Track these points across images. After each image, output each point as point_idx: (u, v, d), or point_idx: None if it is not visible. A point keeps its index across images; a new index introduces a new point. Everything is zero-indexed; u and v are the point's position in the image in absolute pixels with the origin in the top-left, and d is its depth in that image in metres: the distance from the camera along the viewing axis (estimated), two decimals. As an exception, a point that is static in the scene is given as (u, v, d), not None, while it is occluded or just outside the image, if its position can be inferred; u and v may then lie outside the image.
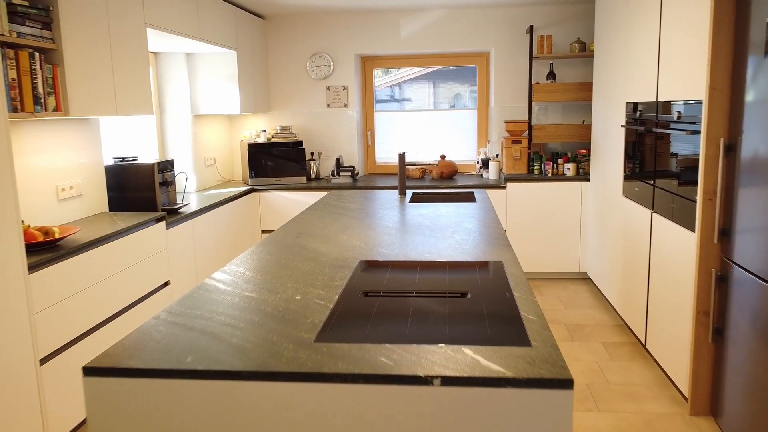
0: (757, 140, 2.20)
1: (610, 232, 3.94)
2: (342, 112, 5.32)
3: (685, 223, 2.69)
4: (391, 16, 5.14)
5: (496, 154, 5.21)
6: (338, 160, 5.10)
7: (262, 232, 4.93)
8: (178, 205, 3.68)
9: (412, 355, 1.26)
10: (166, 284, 3.34)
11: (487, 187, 4.68)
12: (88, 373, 1.25)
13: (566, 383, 1.14)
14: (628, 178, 3.58)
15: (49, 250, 2.48)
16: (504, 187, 4.67)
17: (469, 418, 1.17)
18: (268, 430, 1.22)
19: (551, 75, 4.89)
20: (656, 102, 3.07)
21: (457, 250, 2.20)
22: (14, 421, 2.13)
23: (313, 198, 4.84)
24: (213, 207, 4.00)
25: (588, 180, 4.59)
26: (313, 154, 5.35)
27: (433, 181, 4.94)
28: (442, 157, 5.11)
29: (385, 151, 5.61)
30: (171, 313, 1.57)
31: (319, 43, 5.25)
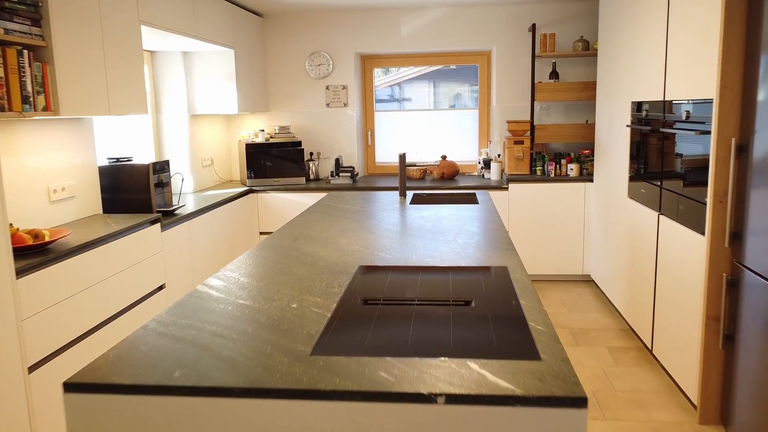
0: (771, 141, 2.12)
1: (615, 234, 3.86)
2: (341, 112, 5.24)
3: (694, 225, 2.61)
4: (391, 14, 5.07)
5: (498, 155, 5.13)
6: (337, 160, 5.02)
7: (260, 234, 4.85)
8: (174, 207, 3.61)
9: (414, 369, 1.18)
10: (161, 288, 3.26)
11: (488, 188, 4.60)
12: (69, 389, 1.18)
13: (579, 402, 1.06)
14: (634, 179, 3.50)
15: (38, 253, 2.40)
16: (506, 188, 4.59)
17: (476, 439, 1.09)
18: (261, 451, 1.14)
19: (554, 74, 4.82)
20: (663, 101, 3.00)
21: (460, 254, 2.12)
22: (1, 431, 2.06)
23: (311, 199, 4.77)
24: (210, 208, 3.93)
25: (591, 181, 4.51)
26: (312, 154, 5.27)
27: (434, 181, 4.86)
28: (443, 158, 5.04)
29: (385, 152, 5.53)
30: (160, 322, 1.50)
31: (318, 42, 5.17)
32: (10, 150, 2.72)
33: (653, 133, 3.17)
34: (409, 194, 3.73)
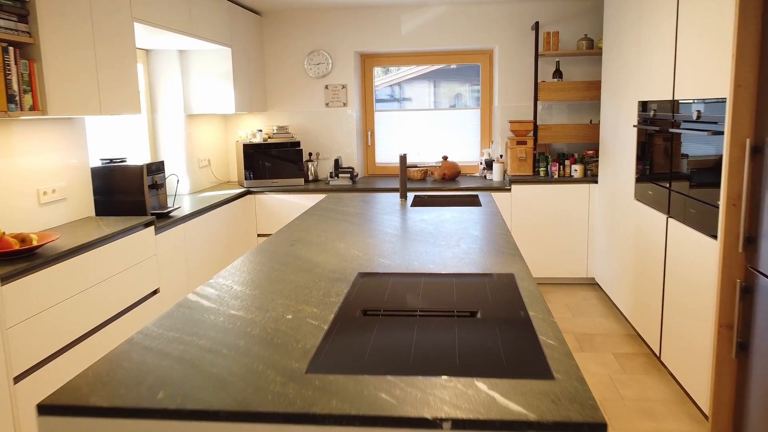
0: (789, 141, 2.03)
1: (621, 237, 3.77)
2: (341, 112, 5.15)
3: (706, 229, 2.52)
4: (391, 13, 4.98)
5: (500, 155, 5.04)
6: (337, 161, 4.93)
7: (258, 236, 4.76)
8: (169, 209, 3.51)
9: (417, 390, 1.09)
10: (155, 292, 3.17)
11: (491, 190, 4.51)
12: (44, 411, 1.09)
13: (599, 428, 0.97)
14: (641, 180, 3.41)
15: (25, 258, 2.31)
16: (509, 190, 4.50)
17: (485, 468, 1.00)
18: (251, 479, 1.05)
19: (557, 73, 4.72)
20: (672, 101, 2.91)
21: (464, 260, 2.03)
22: (-17, 447, 1.97)
23: (310, 200, 4.68)
24: (206, 210, 3.84)
25: (596, 182, 4.42)
26: (311, 155, 5.18)
27: (435, 182, 4.77)
28: (444, 158, 4.94)
29: (385, 152, 5.44)
30: (146, 335, 1.41)
31: (317, 40, 5.08)
32: (-2, 151, 2.63)
33: (661, 134, 3.08)
34: (410, 196, 3.64)
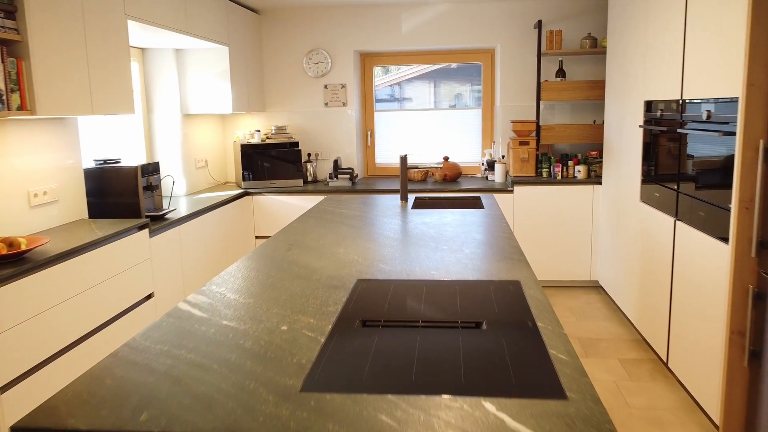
0: (805, 143, 1.95)
1: (626, 240, 3.69)
2: (340, 112, 5.07)
3: (716, 233, 2.44)
4: (391, 11, 4.90)
5: (502, 156, 4.96)
6: (336, 161, 4.85)
7: (256, 238, 4.68)
8: (164, 211, 3.44)
9: (420, 411, 1.02)
10: (149, 297, 3.09)
11: (492, 191, 4.43)
12: (17, 434, 1.01)
13: (618, 456, 0.90)
14: (647, 182, 3.33)
15: (13, 263, 2.23)
16: (511, 191, 4.42)
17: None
18: None
19: (561, 72, 4.65)
20: (680, 100, 2.83)
21: (467, 266, 1.96)
22: (-33, 460, 1.89)
23: (309, 202, 4.60)
24: (202, 212, 3.76)
25: (600, 183, 4.34)
26: (309, 155, 5.10)
27: (436, 184, 4.69)
28: (445, 159, 4.87)
29: (386, 152, 5.36)
30: (133, 348, 1.33)
31: (317, 39, 5.00)
32: (-14, 152, 2.56)
33: (669, 134, 3.00)
34: (411, 198, 3.56)
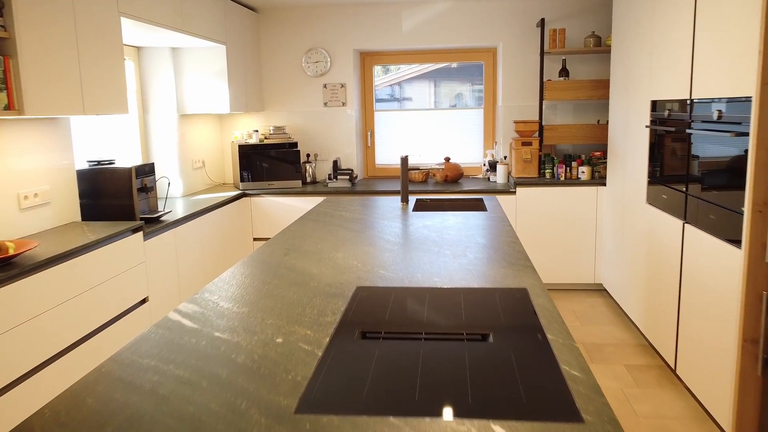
0: (823, 144, 1.88)
1: (631, 242, 3.61)
2: (340, 112, 4.99)
3: (728, 237, 2.36)
4: (392, 9, 4.82)
5: (504, 157, 4.88)
6: (336, 162, 4.77)
7: (254, 240, 4.60)
8: (159, 213, 3.36)
9: (424, 436, 0.94)
10: (143, 301, 3.01)
11: (495, 192, 4.35)
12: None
13: (642, 489, 0.82)
14: (653, 183, 3.25)
15: (0, 269, 2.15)
16: (513, 192, 4.34)
17: None
18: None
19: (564, 71, 4.57)
20: (690, 100, 2.75)
21: (471, 272, 1.88)
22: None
23: (308, 203, 4.52)
24: (199, 214, 3.68)
25: (604, 185, 4.26)
26: (308, 156, 5.02)
27: (437, 185, 4.61)
28: (447, 160, 4.79)
29: (386, 152, 5.28)
30: (118, 362, 1.25)
31: (316, 38, 4.92)
32: (-26, 153, 2.48)
33: (677, 135, 2.92)
34: (412, 199, 3.48)
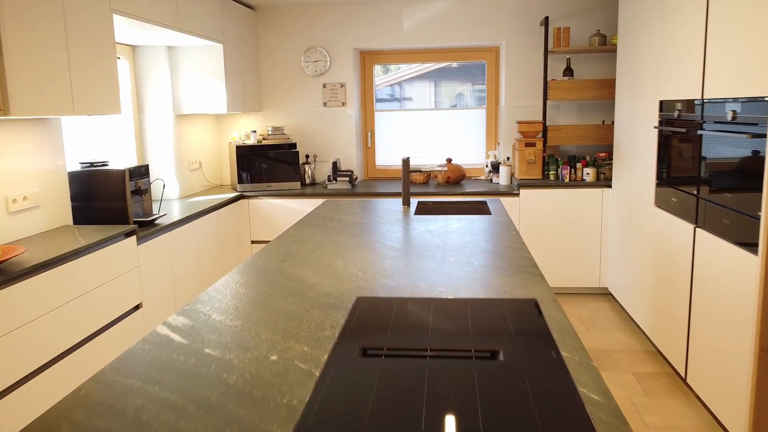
0: None
1: (639, 246, 3.52)
2: (339, 112, 4.90)
3: (743, 242, 2.27)
4: (392, 8, 4.73)
5: (507, 158, 4.79)
6: (335, 163, 4.68)
7: (252, 243, 4.51)
8: (154, 216, 3.26)
9: (432, 472, 0.85)
10: (137, 308, 2.92)
11: (498, 194, 4.26)
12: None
13: None
14: (662, 186, 3.16)
15: (-16, 276, 2.06)
16: (517, 194, 4.25)
17: None
18: None
19: (568, 71, 4.48)
20: (701, 100, 2.66)
21: (477, 281, 1.79)
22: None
23: (307, 205, 4.43)
24: (195, 217, 3.59)
25: (610, 187, 4.17)
26: (308, 157, 4.93)
27: (439, 186, 4.52)
28: (448, 161, 4.70)
29: (386, 152, 5.19)
30: (99, 383, 1.16)
31: (315, 37, 4.83)
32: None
33: (687, 136, 2.83)
34: (413, 202, 3.39)
